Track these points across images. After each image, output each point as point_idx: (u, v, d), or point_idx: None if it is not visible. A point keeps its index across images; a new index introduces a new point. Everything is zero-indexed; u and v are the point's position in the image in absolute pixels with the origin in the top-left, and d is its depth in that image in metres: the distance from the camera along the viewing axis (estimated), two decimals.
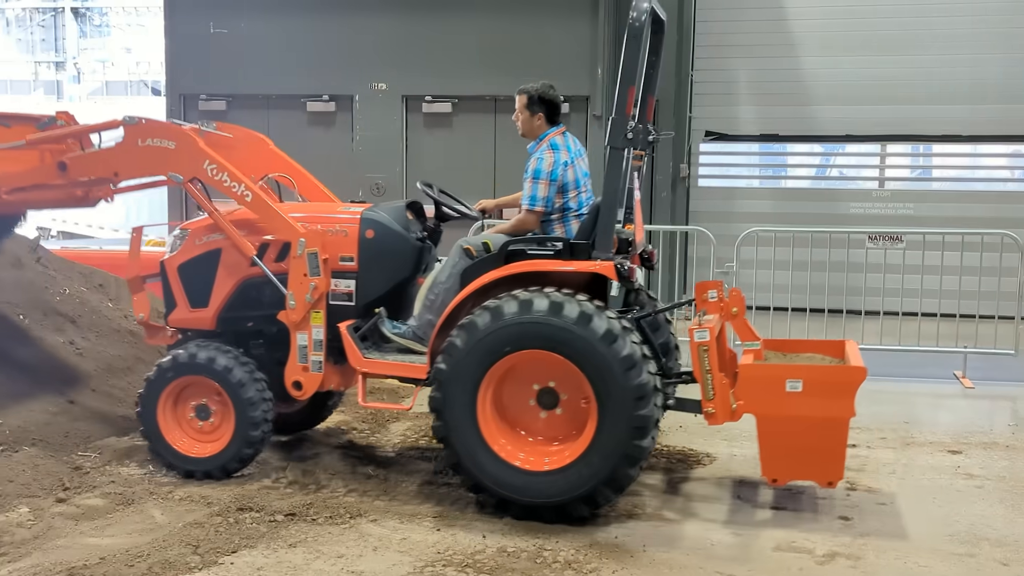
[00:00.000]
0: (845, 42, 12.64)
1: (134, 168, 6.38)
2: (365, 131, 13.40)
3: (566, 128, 6.22)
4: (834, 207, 13.07)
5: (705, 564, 5.01)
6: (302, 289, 6.01)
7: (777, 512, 5.79)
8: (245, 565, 4.90)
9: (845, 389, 5.53)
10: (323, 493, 5.93)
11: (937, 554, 5.14)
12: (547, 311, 5.35)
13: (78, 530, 5.29)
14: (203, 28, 13.71)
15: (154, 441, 6.23)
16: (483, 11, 12.88)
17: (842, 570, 4.97)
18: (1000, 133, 12.48)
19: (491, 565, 4.92)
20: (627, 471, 5.43)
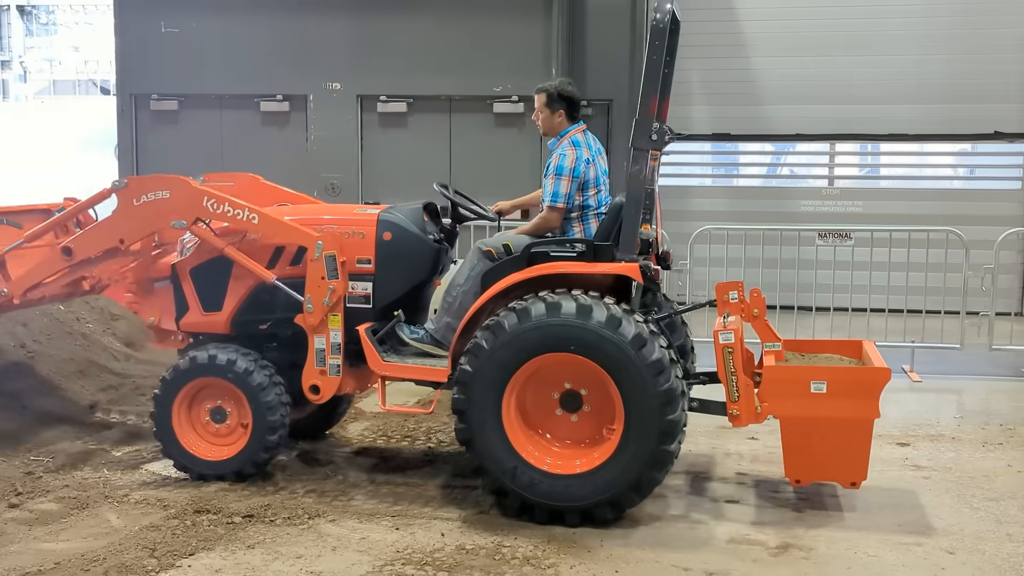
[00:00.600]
0: (794, 43, 12.78)
1: (137, 229, 6.21)
2: (320, 131, 13.28)
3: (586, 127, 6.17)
4: (785, 205, 13.20)
5: (661, 558, 5.06)
6: (320, 292, 5.94)
7: (731, 505, 5.85)
8: (203, 567, 4.87)
9: (870, 390, 5.54)
10: (281, 494, 5.90)
11: (886, 544, 5.24)
12: (575, 314, 5.29)
13: (31, 535, 5.23)
14: (154, 27, 13.50)
15: (167, 443, 6.14)
16: (438, 11, 12.83)
17: (794, 561, 5.04)
18: (945, 132, 12.68)
19: (450, 563, 4.93)
20: (654, 475, 5.40)
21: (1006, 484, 6.22)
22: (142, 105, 13.83)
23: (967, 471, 6.47)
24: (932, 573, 4.90)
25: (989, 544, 5.24)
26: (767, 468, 6.53)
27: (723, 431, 7.25)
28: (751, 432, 7.14)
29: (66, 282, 6.49)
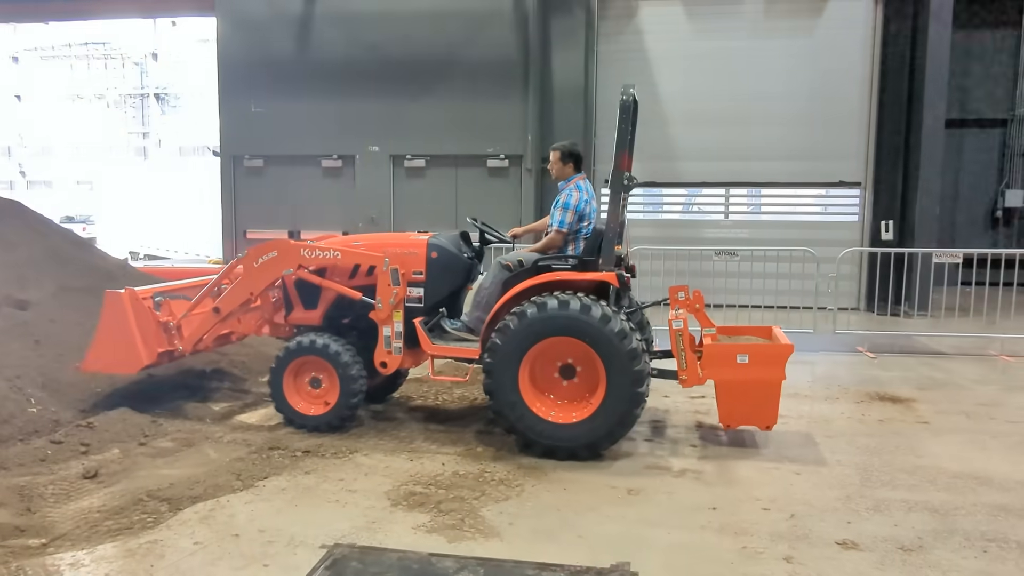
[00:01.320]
0: (701, 116, 12.84)
1: (260, 283, 6.14)
2: (363, 180, 13.33)
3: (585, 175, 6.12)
4: (695, 232, 13.24)
5: (597, 479, 5.10)
6: (387, 295, 5.92)
7: (647, 443, 5.87)
8: (273, 487, 4.91)
9: (778, 360, 5.55)
10: (330, 436, 5.89)
11: (754, 469, 5.31)
12: (579, 310, 5.29)
13: (154, 464, 5.25)
14: (246, 107, 13.58)
15: (279, 402, 6.07)
16: (447, 95, 12.90)
17: (689, 481, 5.09)
18: (805, 181, 12.75)
19: (448, 483, 4.97)
20: (622, 429, 5.39)
21: (839, 427, 6.27)
22: (238, 164, 13.87)
23: (813, 418, 6.52)
24: (784, 487, 4.96)
25: (824, 468, 5.31)
26: (676, 417, 6.56)
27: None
28: (665, 393, 7.17)
29: (218, 335, 6.47)
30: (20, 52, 39.02)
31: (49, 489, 4.70)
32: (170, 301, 6.32)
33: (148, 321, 6.05)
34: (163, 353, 6.13)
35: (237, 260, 6.29)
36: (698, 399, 7.09)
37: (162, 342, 6.13)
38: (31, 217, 8.12)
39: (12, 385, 5.83)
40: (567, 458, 5.40)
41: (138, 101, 39.69)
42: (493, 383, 5.50)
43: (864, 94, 12.36)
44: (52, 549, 4.04)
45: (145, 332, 5.99)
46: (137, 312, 5.97)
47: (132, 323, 5.91)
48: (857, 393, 7.28)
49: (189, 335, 6.25)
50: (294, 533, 4.26)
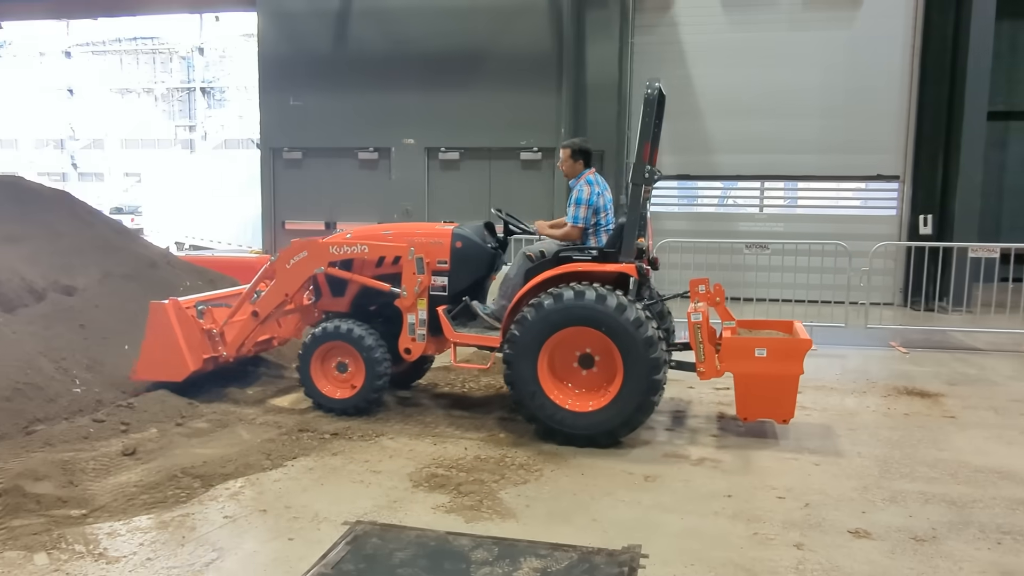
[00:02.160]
0: (736, 109, 12.71)
1: (294, 284, 6.34)
2: (398, 172, 13.51)
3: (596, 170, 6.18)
4: (729, 225, 13.17)
5: (615, 466, 5.19)
6: (412, 283, 6.05)
7: (668, 432, 5.93)
8: (301, 466, 5.10)
9: (796, 354, 5.58)
10: (358, 419, 6.05)
11: (773, 459, 5.35)
12: (595, 300, 5.37)
13: (190, 444, 5.46)
14: (285, 101, 13.84)
15: (307, 386, 6.24)
16: (482, 87, 12.98)
17: (707, 470, 5.16)
18: (842, 174, 12.59)
19: (469, 467, 5.10)
20: (640, 417, 5.47)
21: (863, 420, 6.26)
22: (278, 156, 14.16)
23: (838, 410, 6.51)
24: (801, 477, 5.00)
25: (844, 459, 5.33)
26: (698, 408, 6.60)
27: (668, 384, 7.33)
28: (690, 384, 7.19)
29: (260, 340, 6.69)
30: (72, 48, 40.15)
31: (90, 464, 4.95)
32: (212, 309, 6.56)
33: (192, 329, 6.30)
34: (208, 359, 6.37)
35: (271, 264, 6.48)
36: (722, 390, 7.10)
37: (207, 349, 6.37)
38: (78, 207, 8.46)
39: (59, 366, 6.12)
40: (586, 445, 5.48)
41: (185, 95, 40.58)
42: (513, 373, 5.59)
43: (904, 86, 12.15)
44: (91, 519, 4.28)
45: (190, 340, 6.24)
46: (181, 321, 6.23)
47: (177, 332, 6.17)
48: (885, 387, 7.23)
49: (231, 340, 6.47)
50: (318, 510, 4.44)
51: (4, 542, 3.99)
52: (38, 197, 8.08)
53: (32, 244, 7.36)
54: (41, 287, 7.04)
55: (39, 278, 7.09)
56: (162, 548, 3.99)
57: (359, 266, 6.34)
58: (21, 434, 5.33)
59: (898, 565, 3.89)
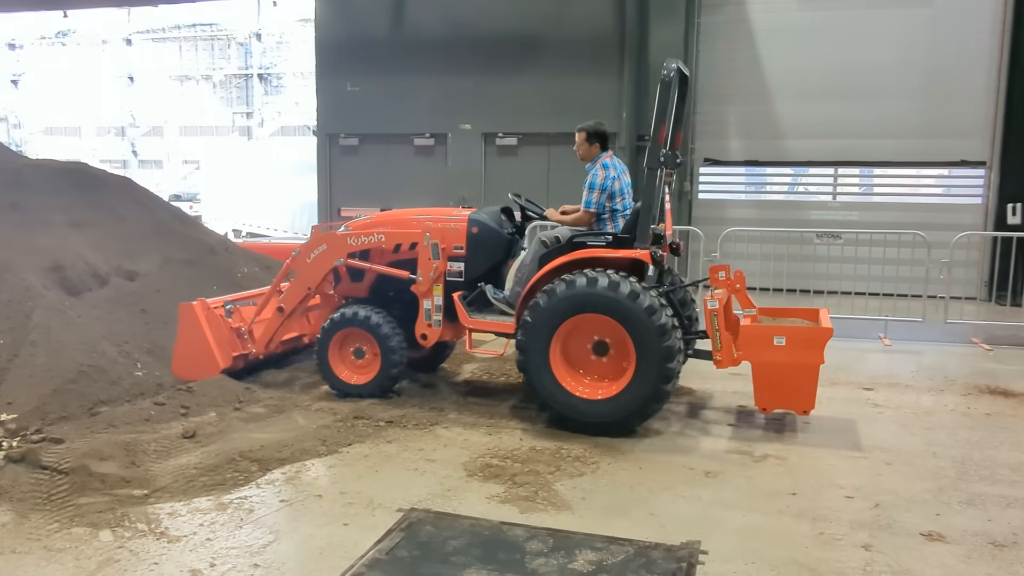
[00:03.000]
0: (809, 91, 12.44)
1: (315, 277, 6.54)
2: (455, 159, 13.63)
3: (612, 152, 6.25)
4: (799, 214, 12.88)
5: (674, 460, 5.20)
6: (427, 268, 6.20)
7: (730, 427, 5.90)
8: (356, 453, 5.24)
9: (817, 343, 5.59)
10: (413, 408, 6.18)
11: (842, 457, 5.27)
12: (607, 287, 5.42)
13: (247, 428, 5.66)
14: (342, 86, 14.08)
15: (325, 372, 6.44)
16: (541, 71, 12.98)
17: (771, 466, 5.12)
18: (923, 160, 12.21)
19: (524, 457, 5.17)
20: (653, 406, 5.52)
21: (940, 419, 6.12)
22: (334, 142, 14.44)
23: (913, 409, 6.37)
24: (871, 477, 4.93)
25: (918, 459, 5.23)
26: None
27: (733, 376, 7.26)
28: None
29: (289, 337, 6.93)
30: (133, 35, 41.50)
31: (152, 446, 5.18)
32: (240, 308, 6.81)
33: (221, 328, 6.57)
34: (238, 356, 6.63)
35: (293, 256, 6.68)
36: None
37: (236, 346, 6.64)
38: (140, 193, 8.80)
39: (121, 350, 6.40)
40: (599, 433, 5.54)
41: (242, 82, 41.54)
42: (525, 359, 5.68)
43: (992, 65, 11.68)
44: (153, 499, 4.49)
45: (219, 338, 6.51)
46: (210, 320, 6.49)
47: (207, 331, 6.44)
48: (965, 386, 7.04)
49: (260, 337, 6.72)
50: (373, 496, 4.57)
51: (71, 519, 4.22)
52: (103, 184, 8.44)
53: (97, 230, 7.69)
54: (105, 272, 7.37)
55: (103, 263, 7.42)
56: (221, 529, 4.17)
57: (377, 254, 6.50)
58: (86, 415, 5.60)
59: (974, 571, 3.81)
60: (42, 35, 42.17)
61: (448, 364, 7.57)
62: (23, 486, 4.53)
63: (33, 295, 6.40)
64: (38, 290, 6.50)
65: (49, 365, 5.80)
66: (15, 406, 5.45)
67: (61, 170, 8.28)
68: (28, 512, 4.28)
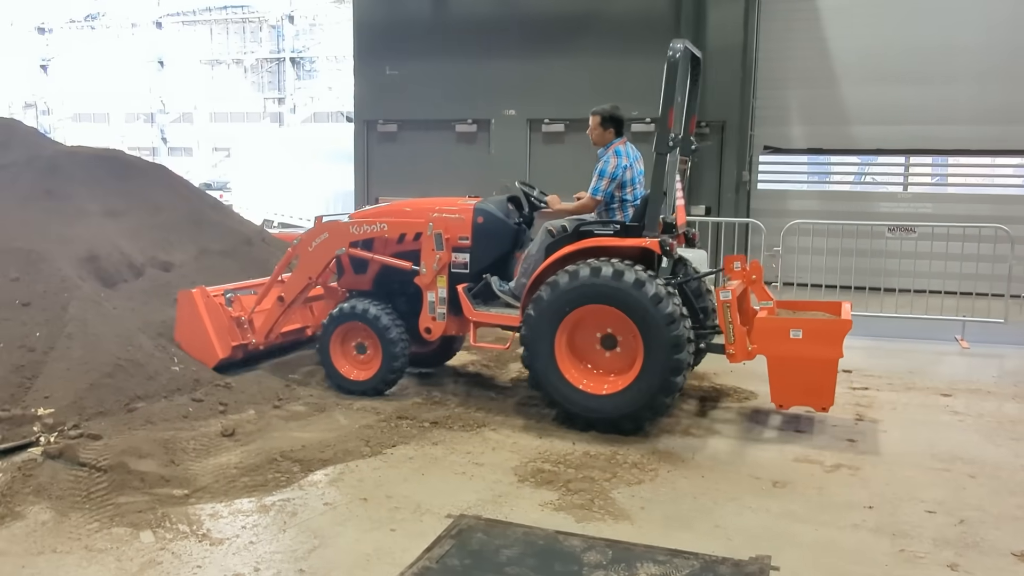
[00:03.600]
0: (877, 74, 12.17)
1: (316, 266, 6.64)
2: (498, 146, 13.59)
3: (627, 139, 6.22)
4: (866, 206, 12.63)
5: (738, 469, 5.13)
6: (431, 260, 6.26)
7: (797, 434, 5.81)
8: (401, 455, 5.25)
9: (835, 337, 5.56)
10: (458, 409, 6.17)
11: (920, 468, 5.15)
12: (611, 276, 5.44)
13: (288, 427, 5.72)
14: (380, 70, 14.10)
15: (327, 367, 6.56)
16: (588, 53, 12.86)
17: (844, 477, 5.02)
18: (1000, 148, 11.86)
19: (577, 463, 5.14)
20: (664, 399, 5.53)
21: None
22: (371, 128, 14.49)
23: (996, 417, 6.21)
24: (954, 490, 4.80)
25: (1005, 472, 5.09)
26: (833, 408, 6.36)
27: None
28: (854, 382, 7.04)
29: (292, 328, 7.04)
30: (163, 18, 42.21)
31: (191, 444, 5.25)
32: (241, 297, 6.88)
33: (220, 317, 6.64)
34: (237, 347, 6.69)
35: (294, 244, 6.74)
36: (860, 390, 6.90)
37: (235, 336, 6.70)
38: (175, 181, 8.93)
39: (157, 344, 6.49)
40: (608, 430, 5.56)
41: (274, 66, 42.03)
42: (529, 353, 5.71)
43: None
44: (194, 500, 4.54)
45: (218, 328, 6.59)
46: (209, 309, 6.57)
47: (205, 320, 6.52)
48: None
49: (260, 327, 6.79)
50: (420, 501, 4.57)
51: (111, 518, 4.29)
52: (138, 171, 8.58)
53: (132, 219, 7.82)
54: (140, 263, 7.49)
55: (138, 253, 7.54)
56: (264, 532, 4.20)
57: (380, 244, 6.56)
58: (123, 411, 5.69)
59: None
60: (71, 18, 43.16)
61: (494, 365, 7.58)
62: (62, 483, 4.62)
63: (69, 286, 6.51)
64: (74, 281, 6.62)
65: (86, 358, 5.90)
66: (52, 400, 5.55)
67: (96, 157, 8.42)
68: (68, 510, 4.36)
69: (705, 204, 12.55)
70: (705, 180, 12.61)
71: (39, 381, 5.73)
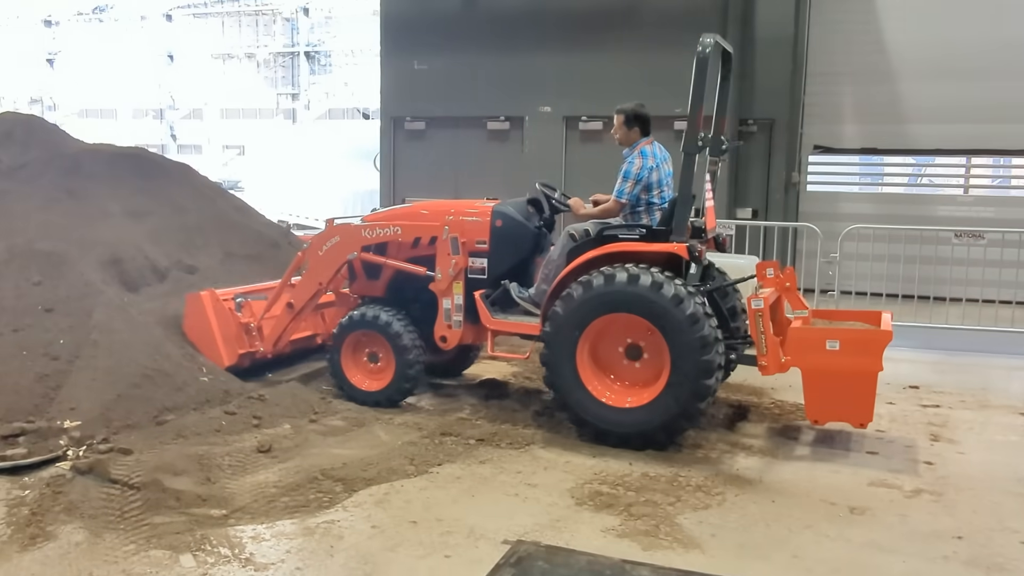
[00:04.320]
0: (936, 69, 11.99)
1: (327, 271, 6.62)
2: (532, 145, 13.52)
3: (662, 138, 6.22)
4: (923, 209, 12.41)
5: (811, 493, 5.01)
6: (446, 265, 6.22)
7: (869, 455, 5.68)
8: (448, 475, 5.17)
9: (874, 348, 5.47)
10: (505, 425, 6.07)
11: (1008, 494, 5.03)
12: (649, 287, 5.40)
13: (326, 443, 5.65)
14: (408, 65, 14.06)
15: (338, 377, 6.54)
16: (628, 46, 12.74)
17: (926, 503, 4.90)
18: None
19: (637, 485, 5.04)
20: (683, 424, 5.47)
21: None
22: (398, 126, 14.45)
23: None
24: None
25: None
26: (903, 428, 6.28)
27: None
28: (890, 399, 6.93)
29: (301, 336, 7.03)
30: (173, 10, 42.53)
31: (226, 460, 5.20)
32: (251, 302, 6.86)
33: (229, 323, 6.64)
34: (244, 355, 6.69)
35: (302, 252, 6.70)
36: (931, 408, 6.76)
37: (243, 343, 6.70)
38: (199, 182, 8.93)
39: (184, 352, 6.46)
40: (620, 445, 5.55)
41: (288, 60, 42.22)
42: (550, 360, 5.69)
43: None
44: (233, 520, 4.48)
45: (226, 334, 6.58)
46: (218, 314, 6.56)
47: (213, 325, 6.52)
48: None
49: (268, 335, 6.77)
50: (473, 525, 4.48)
51: (148, 539, 4.24)
52: (161, 171, 8.58)
53: (156, 220, 7.81)
54: (164, 266, 7.48)
55: (162, 256, 7.53)
56: (310, 558, 4.13)
57: (394, 248, 6.54)
58: (152, 423, 5.65)
59: None
60: (79, 11, 43.58)
61: (536, 377, 7.42)
62: (94, 501, 4.58)
63: (93, 291, 6.50)
64: (98, 286, 6.60)
65: (112, 368, 5.87)
66: (78, 412, 5.53)
67: (118, 155, 8.44)
68: (101, 530, 4.31)
69: (752, 207, 12.42)
70: (752, 181, 12.47)
71: (64, 391, 5.71)
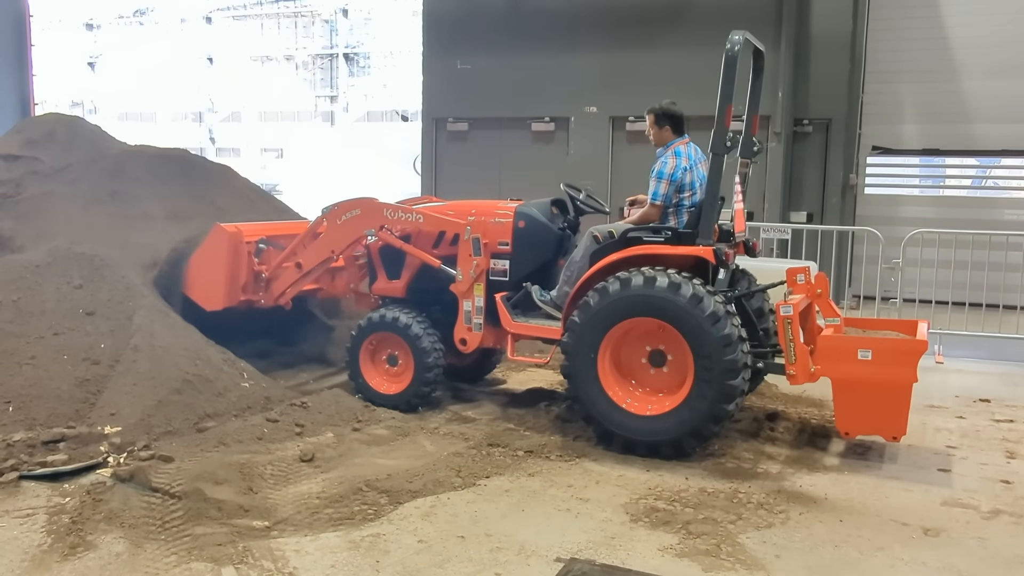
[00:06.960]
0: (1001, 67, 11.67)
1: (342, 241, 6.66)
2: (578, 146, 13.39)
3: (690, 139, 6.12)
4: (989, 213, 12.06)
5: (881, 513, 4.84)
6: (467, 266, 6.22)
7: (942, 473, 5.48)
8: (496, 487, 5.09)
9: (909, 358, 5.35)
10: (555, 437, 5.98)
11: None
12: (667, 288, 5.34)
13: (369, 452, 5.60)
14: (451, 65, 14.04)
15: (356, 381, 6.54)
16: (677, 45, 12.61)
17: (1006, 526, 4.70)
18: None
19: (695, 501, 4.91)
20: (712, 427, 5.41)
21: None
22: (440, 127, 14.43)
23: None
24: None
25: None
26: (976, 444, 6.07)
27: (932, 409, 6.83)
28: (960, 412, 6.71)
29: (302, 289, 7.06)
30: (213, 12, 43.10)
31: (268, 469, 5.15)
32: (272, 249, 6.97)
33: (241, 268, 6.76)
34: (244, 301, 6.80)
35: (324, 212, 6.72)
36: (1005, 423, 6.52)
37: (247, 291, 6.82)
38: (241, 183, 8.97)
39: (225, 358, 6.44)
40: (648, 454, 5.50)
41: (326, 62, 42.54)
42: (571, 365, 5.65)
43: None
44: (275, 532, 4.42)
45: (234, 276, 6.71)
46: (236, 255, 6.69)
47: (226, 265, 6.62)
48: None
49: (273, 288, 6.87)
50: (524, 541, 4.38)
51: (190, 551, 4.19)
52: (203, 172, 8.64)
53: (197, 222, 7.79)
54: None
55: None
56: (356, 573, 4.05)
57: (414, 240, 6.56)
58: (192, 430, 5.64)
59: None
60: (120, 14, 44.38)
61: None
62: (134, 510, 4.55)
63: (134, 294, 6.52)
64: (139, 289, 6.63)
65: (153, 373, 5.87)
66: (118, 417, 5.53)
67: (161, 157, 8.50)
68: (142, 541, 4.27)
69: (807, 210, 12.17)
70: (807, 183, 12.24)
71: (104, 396, 5.72)
